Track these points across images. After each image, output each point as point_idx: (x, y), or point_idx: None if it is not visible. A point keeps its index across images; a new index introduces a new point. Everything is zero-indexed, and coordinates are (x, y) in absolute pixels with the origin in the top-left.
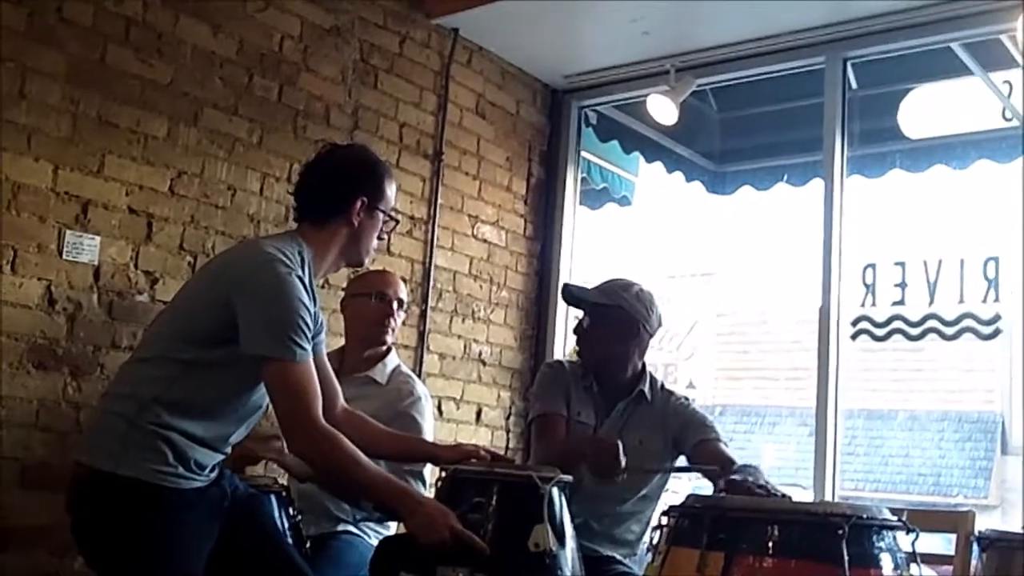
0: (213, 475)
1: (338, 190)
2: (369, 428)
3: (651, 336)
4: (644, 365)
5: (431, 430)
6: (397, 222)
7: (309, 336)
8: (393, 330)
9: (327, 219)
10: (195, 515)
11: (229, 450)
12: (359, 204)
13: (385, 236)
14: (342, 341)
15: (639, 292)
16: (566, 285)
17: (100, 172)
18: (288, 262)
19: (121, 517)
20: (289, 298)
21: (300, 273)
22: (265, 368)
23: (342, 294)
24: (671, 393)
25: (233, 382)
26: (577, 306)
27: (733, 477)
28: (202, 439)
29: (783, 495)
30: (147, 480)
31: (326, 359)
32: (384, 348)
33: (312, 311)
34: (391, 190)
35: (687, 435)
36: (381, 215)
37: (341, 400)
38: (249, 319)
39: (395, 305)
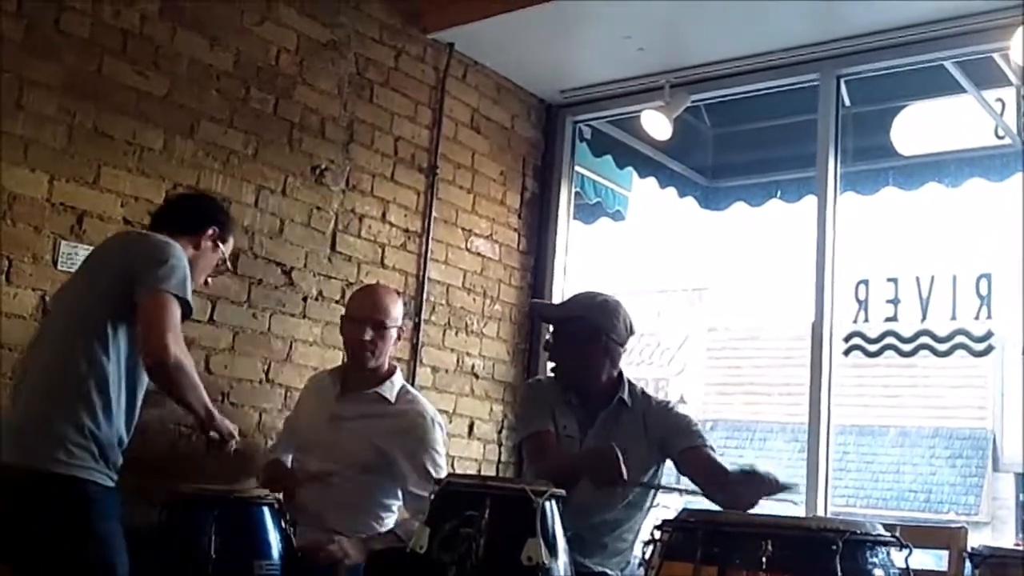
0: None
1: (200, 212)
2: None
3: (620, 344)
4: (621, 373)
5: (439, 446)
6: (228, 270)
7: (190, 291)
8: (373, 351)
9: (182, 233)
10: (115, 511)
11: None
12: (211, 232)
13: (211, 282)
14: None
15: (603, 302)
16: (532, 303)
17: (96, 183)
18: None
19: (66, 515)
20: (179, 255)
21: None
22: (146, 297)
23: (333, 307)
24: (651, 397)
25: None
26: (547, 323)
27: (743, 468)
28: (121, 426)
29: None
30: (84, 478)
31: None
32: (385, 368)
33: None
34: (231, 242)
35: (672, 440)
36: (219, 255)
37: None
38: (143, 270)
39: (369, 328)
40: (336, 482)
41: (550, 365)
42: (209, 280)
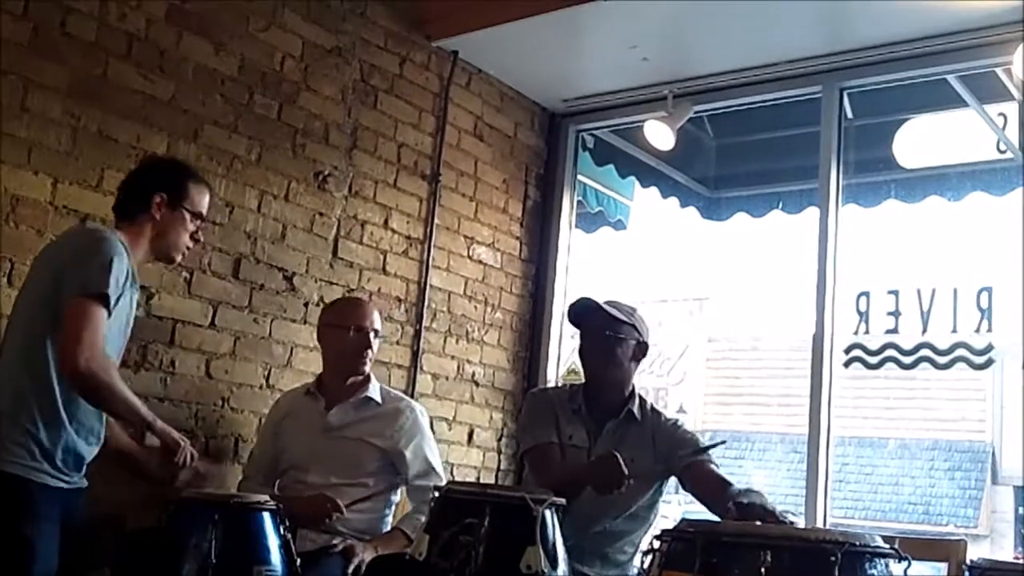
0: (78, 481)
1: (141, 187)
2: None
3: (643, 359)
4: (633, 386)
5: (431, 435)
6: (202, 220)
7: (118, 292)
8: (371, 360)
9: (135, 216)
10: (55, 512)
11: (100, 439)
12: (159, 199)
13: (201, 237)
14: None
15: (641, 316)
16: (583, 298)
17: (99, 186)
18: (109, 232)
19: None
20: (98, 248)
21: (122, 242)
22: (69, 304)
23: None
24: (660, 414)
25: None
26: (591, 318)
27: (741, 500)
28: (76, 427)
29: (791, 521)
30: (20, 475)
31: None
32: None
33: (127, 274)
34: (196, 192)
35: (677, 455)
36: (186, 213)
37: None
38: (70, 272)
39: (372, 336)
40: (348, 491)
41: (582, 363)
42: (200, 237)
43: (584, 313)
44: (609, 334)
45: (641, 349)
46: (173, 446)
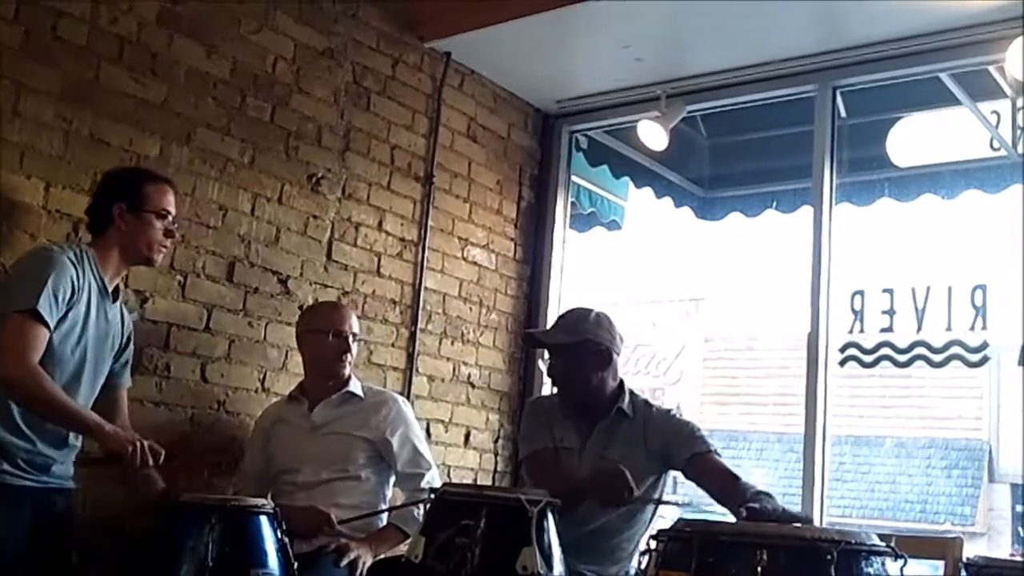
0: (50, 480)
1: (102, 201)
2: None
3: (606, 350)
4: (622, 382)
5: (417, 424)
6: (169, 217)
7: (57, 306)
8: (351, 363)
9: (103, 230)
10: (20, 509)
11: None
12: (118, 211)
13: (175, 234)
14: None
15: (597, 318)
16: (527, 334)
17: (92, 190)
18: (57, 248)
19: None
20: (43, 269)
21: (71, 257)
22: (5, 319)
23: None
24: (652, 406)
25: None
26: (544, 349)
27: (752, 505)
28: (33, 431)
29: (806, 518)
30: None
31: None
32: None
33: (75, 287)
34: (154, 192)
35: (675, 449)
36: (149, 216)
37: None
38: (8, 288)
39: (351, 339)
40: (340, 487)
41: (555, 389)
42: (175, 233)
43: (534, 347)
44: (563, 359)
45: (602, 356)
46: (119, 451)
